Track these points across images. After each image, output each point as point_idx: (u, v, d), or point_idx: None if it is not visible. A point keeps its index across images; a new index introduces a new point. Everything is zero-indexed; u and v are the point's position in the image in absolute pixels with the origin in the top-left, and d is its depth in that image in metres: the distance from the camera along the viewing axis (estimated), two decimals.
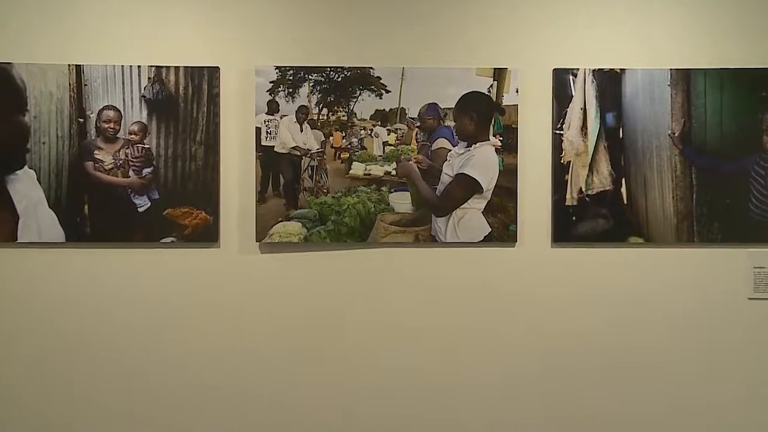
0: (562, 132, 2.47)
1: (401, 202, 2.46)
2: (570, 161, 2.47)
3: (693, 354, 2.52)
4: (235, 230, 2.46)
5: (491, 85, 2.45)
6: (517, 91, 2.46)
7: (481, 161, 2.40)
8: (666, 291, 2.53)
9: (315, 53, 2.45)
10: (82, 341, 2.46)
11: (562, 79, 2.47)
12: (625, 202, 2.47)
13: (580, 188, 2.46)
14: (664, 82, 2.47)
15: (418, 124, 2.47)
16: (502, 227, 2.46)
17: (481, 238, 2.44)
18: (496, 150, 2.44)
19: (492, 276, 2.49)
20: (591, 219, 2.47)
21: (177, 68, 2.41)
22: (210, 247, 2.45)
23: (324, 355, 2.50)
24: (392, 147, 2.47)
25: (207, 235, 2.42)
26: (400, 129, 2.47)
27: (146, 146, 2.41)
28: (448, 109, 2.44)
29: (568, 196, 2.47)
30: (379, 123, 2.47)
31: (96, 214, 2.40)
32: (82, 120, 2.37)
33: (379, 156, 2.47)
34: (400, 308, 2.50)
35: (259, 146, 2.45)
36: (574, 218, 2.47)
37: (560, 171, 2.47)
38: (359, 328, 2.50)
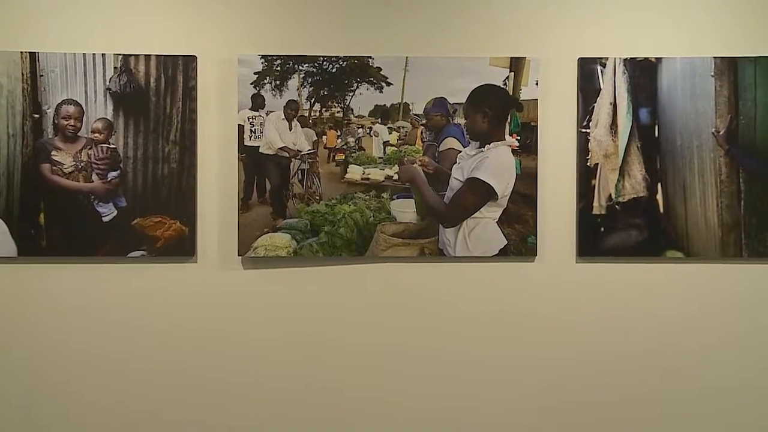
0: (588, 130, 2.32)
1: (404, 210, 2.33)
2: (598, 164, 2.33)
3: (736, 383, 2.38)
4: (215, 243, 2.33)
5: (507, 77, 2.32)
6: (537, 84, 2.33)
7: (495, 164, 2.26)
8: (710, 313, 2.39)
9: (306, 40, 2.33)
10: (36, 371, 2.33)
11: (588, 70, 2.33)
12: (662, 210, 2.33)
13: (610, 195, 2.32)
14: (707, 72, 2.32)
15: (424, 121, 2.34)
16: (520, 240, 2.33)
17: (496, 252, 2.31)
18: (513, 151, 2.31)
19: (508, 296, 2.36)
20: (622, 230, 2.33)
21: (147, 57, 2.28)
22: (185, 262, 2.32)
23: (316, 385, 2.36)
24: (394, 148, 2.37)
25: (182, 248, 2.29)
26: (403, 127, 2.36)
27: (112, 146, 2.27)
28: (458, 104, 2.32)
29: (595, 203, 2.33)
30: (379, 120, 2.36)
31: (53, 224, 2.26)
32: (37, 116, 2.24)
33: (379, 158, 2.37)
34: (403, 332, 2.37)
35: (241, 147, 2.32)
36: (602, 229, 2.33)
37: (586, 175, 2.33)
38: (356, 355, 2.36)
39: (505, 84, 2.33)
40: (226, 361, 2.34)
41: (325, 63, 2.32)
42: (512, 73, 2.32)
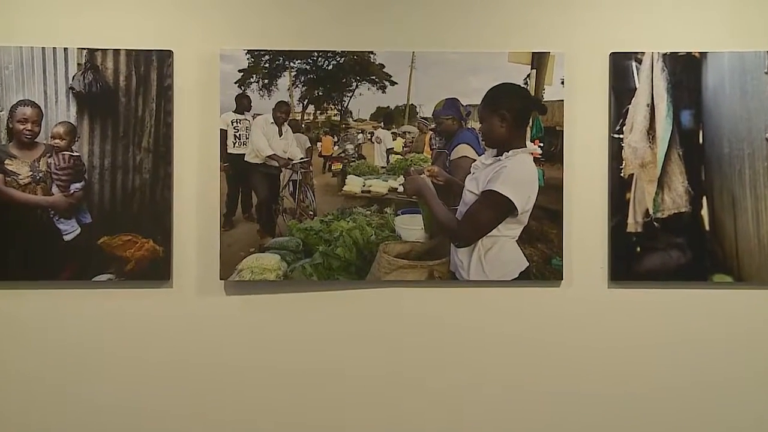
0: (622, 136, 2.27)
1: (411, 227, 2.29)
2: (633, 174, 2.27)
3: None
4: (193, 265, 2.28)
5: (529, 75, 2.28)
6: (562, 83, 2.28)
7: (515, 174, 2.18)
8: (763, 345, 2.33)
9: (298, 33, 2.29)
10: None
11: (622, 67, 2.27)
12: (707, 228, 2.27)
13: (647, 210, 2.27)
14: (759, 68, 2.25)
15: (433, 125, 2.32)
16: (544, 261, 2.28)
17: (516, 276, 2.25)
18: (535, 160, 2.26)
19: (530, 326, 2.32)
20: (661, 251, 2.27)
21: (116, 52, 2.22)
22: (159, 287, 2.27)
23: (309, 426, 2.31)
24: (399, 156, 2.36)
25: (156, 271, 2.24)
26: (409, 132, 2.35)
27: (75, 154, 2.21)
28: (472, 106, 2.28)
29: (630, 220, 2.27)
30: (382, 124, 2.34)
31: (7, 243, 2.21)
32: None
33: (382, 168, 2.36)
34: (409, 367, 2.32)
35: (224, 155, 2.28)
36: (638, 249, 2.27)
37: (620, 187, 2.28)
38: (355, 393, 2.31)
39: (526, 83, 2.28)
40: (205, 400, 2.29)
41: (320, 59, 2.28)
42: (534, 71, 2.28)
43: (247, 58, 2.25)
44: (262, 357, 2.30)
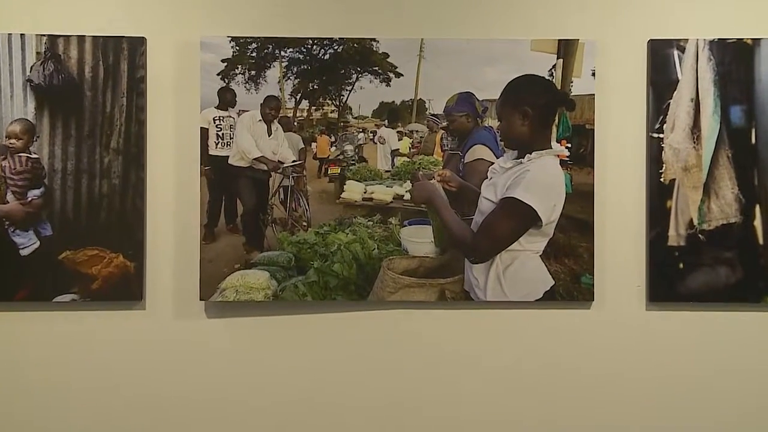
0: (662, 135, 2.21)
1: (419, 240, 2.25)
2: (675, 180, 2.22)
3: None
4: (169, 283, 2.24)
5: (554, 66, 2.23)
6: (593, 75, 2.23)
7: (538, 179, 2.06)
8: None
9: (290, 18, 2.25)
10: None
11: (662, 56, 2.22)
12: (761, 241, 2.21)
13: (691, 221, 2.21)
14: None
15: (445, 123, 2.28)
16: (572, 279, 2.22)
17: (540, 296, 2.17)
18: (562, 163, 2.16)
19: (557, 353, 2.28)
20: (708, 267, 2.22)
21: (81, 39, 2.16)
22: (131, 309, 2.23)
23: None
24: (405, 158, 2.37)
25: (126, 290, 2.20)
26: (417, 131, 2.35)
27: (33, 156, 2.16)
28: (489, 101, 2.23)
29: (672, 232, 2.22)
30: (386, 122, 2.34)
31: None
32: None
33: (386, 172, 2.38)
34: (417, 399, 2.27)
35: (205, 156, 2.25)
36: (681, 266, 2.21)
37: (660, 194, 2.23)
38: (356, 429, 2.27)
39: (551, 74, 2.24)
40: None
41: (315, 47, 2.25)
42: (561, 61, 2.23)
43: (232, 47, 2.22)
44: (248, 389, 2.26)
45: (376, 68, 2.25)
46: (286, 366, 2.25)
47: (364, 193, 2.33)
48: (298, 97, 2.28)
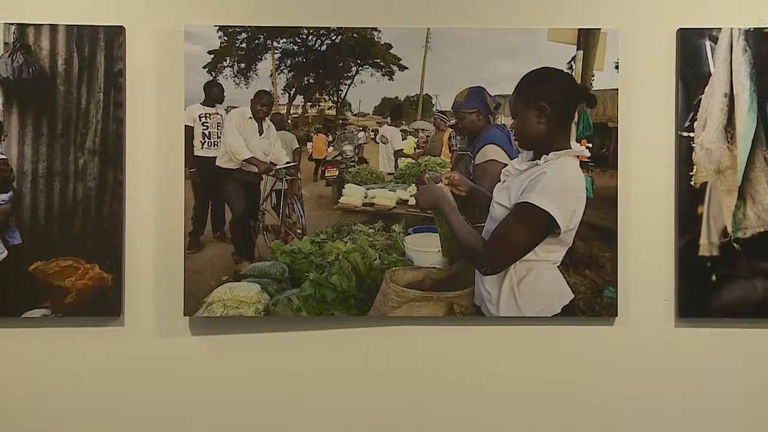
0: (692, 134, 2.16)
1: (425, 250, 2.21)
2: (707, 183, 2.18)
3: None
4: (150, 297, 2.19)
5: (574, 58, 2.20)
6: (616, 68, 2.18)
7: (556, 183, 1.98)
8: None
9: (283, 6, 2.22)
10: None
11: (693, 47, 2.16)
12: None
13: (725, 228, 2.17)
14: None
15: (453, 121, 2.27)
16: (593, 292, 2.17)
17: (558, 311, 2.09)
18: (582, 164, 2.08)
19: (577, 373, 2.23)
20: (743, 279, 2.17)
21: (53, 28, 2.12)
22: (108, 325, 2.17)
23: None
24: (410, 159, 2.38)
25: (103, 304, 2.15)
26: (422, 130, 2.36)
27: (0, 157, 2.12)
28: (502, 97, 2.19)
29: (703, 241, 2.17)
30: (389, 120, 2.32)
31: None
32: None
33: (389, 174, 2.38)
34: (424, 425, 2.23)
35: (190, 158, 2.21)
36: (713, 278, 2.17)
37: (690, 199, 2.18)
38: None
39: (570, 67, 2.20)
40: None
41: (310, 38, 2.21)
42: (581, 52, 2.20)
43: (219, 37, 2.17)
44: (237, 412, 2.21)
45: (378, 60, 2.21)
46: (278, 388, 2.21)
47: (365, 197, 2.31)
48: (292, 93, 2.26)
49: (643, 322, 2.22)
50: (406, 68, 2.19)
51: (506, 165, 2.13)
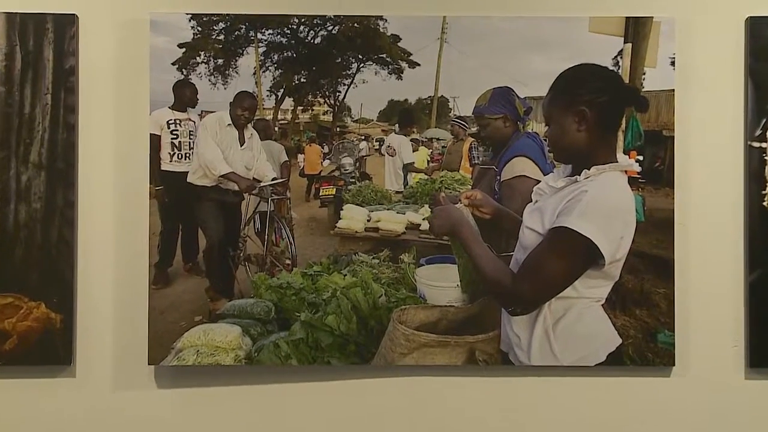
0: (764, 144, 2.04)
1: (440, 284, 2.08)
2: None
3: None
4: (107, 342, 2.03)
5: (620, 52, 2.09)
6: (672, 64, 2.05)
7: (600, 203, 1.76)
8: None
9: None
10: None
11: (764, 39, 2.03)
12: None
13: None
14: None
15: (475, 129, 2.19)
16: (645, 336, 2.06)
17: (603, 359, 1.87)
18: (631, 181, 1.88)
19: None
20: None
21: None
22: (56, 376, 2.00)
23: None
24: (422, 175, 2.35)
25: (51, 351, 1.98)
26: (437, 139, 2.35)
27: None
28: (534, 99, 2.11)
29: None
30: (397, 127, 2.32)
31: None
32: None
33: (397, 193, 2.37)
34: None
35: (156, 173, 2.10)
36: None
37: (762, 222, 2.03)
38: None
39: (616, 64, 2.10)
40: None
41: (302, 28, 2.10)
42: (629, 45, 2.08)
43: (192, 27, 2.03)
44: None
45: (384, 56, 2.15)
46: None
47: (368, 221, 2.24)
48: (279, 94, 2.20)
49: (706, 372, 2.05)
50: (418, 65, 2.13)
51: (539, 182, 1.95)
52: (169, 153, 2.13)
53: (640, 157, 2.07)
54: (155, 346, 2.00)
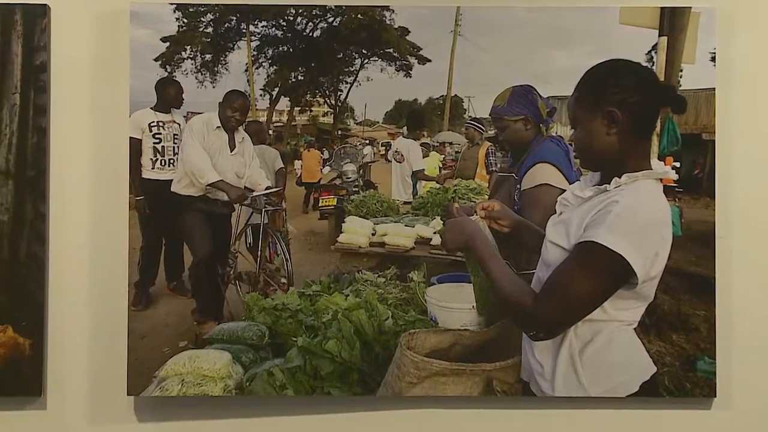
0: None
1: (453, 306, 1.98)
2: None
3: None
4: (81, 370, 1.92)
5: (655, 47, 2.06)
6: (713, 60, 1.96)
7: (632, 216, 1.65)
8: None
9: None
10: None
11: None
12: None
13: None
14: None
15: (493, 132, 2.18)
16: (683, 364, 1.99)
17: (636, 389, 1.73)
18: (667, 190, 1.75)
19: None
20: None
21: None
22: (24, 408, 1.91)
23: None
24: (433, 184, 2.37)
25: (18, 380, 1.89)
26: (451, 143, 2.38)
27: None
28: (558, 99, 2.04)
29: None
30: (405, 130, 2.28)
31: None
32: None
33: (405, 203, 2.29)
34: None
35: (137, 182, 2.09)
36: None
37: None
38: None
39: (650, 60, 2.07)
40: None
41: (299, 20, 2.09)
42: (665, 39, 2.03)
43: (177, 19, 1.98)
44: None
45: (391, 50, 2.12)
46: None
47: (373, 235, 2.10)
48: (274, 94, 2.30)
49: (751, 404, 1.93)
50: (429, 61, 2.11)
51: (564, 191, 1.79)
52: (151, 159, 2.11)
53: (677, 164, 2.00)
54: (135, 374, 1.90)
